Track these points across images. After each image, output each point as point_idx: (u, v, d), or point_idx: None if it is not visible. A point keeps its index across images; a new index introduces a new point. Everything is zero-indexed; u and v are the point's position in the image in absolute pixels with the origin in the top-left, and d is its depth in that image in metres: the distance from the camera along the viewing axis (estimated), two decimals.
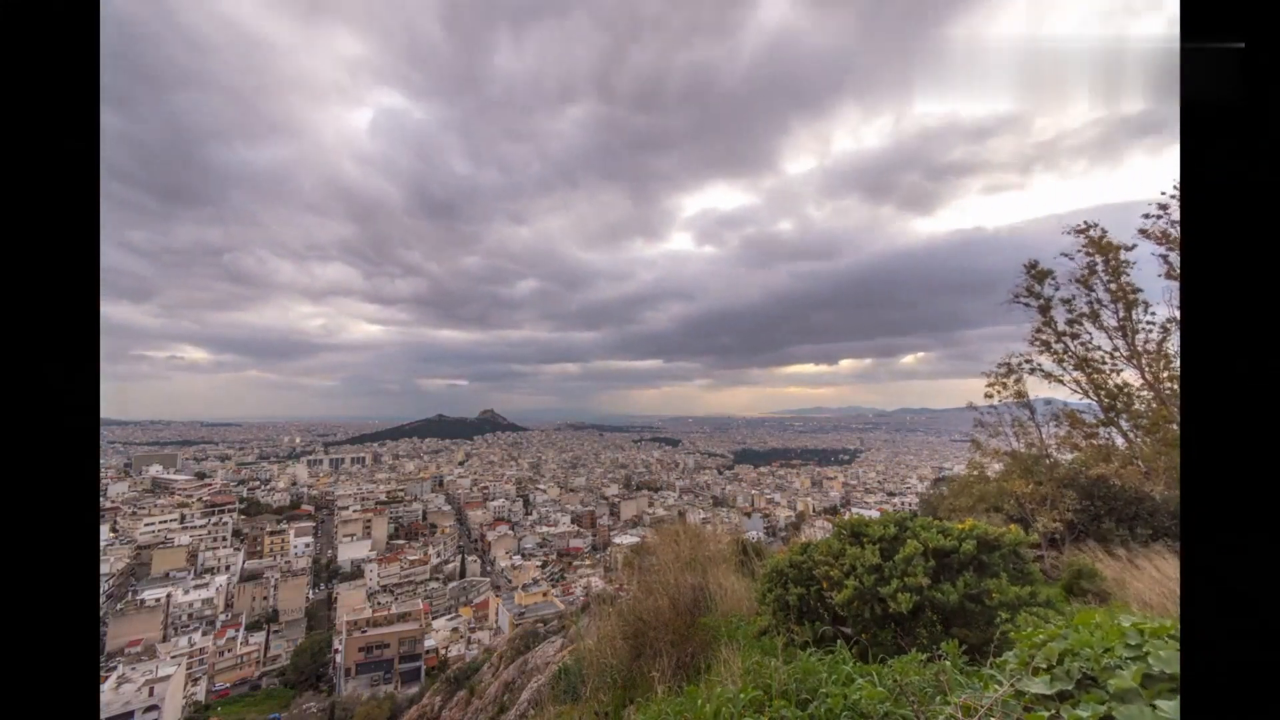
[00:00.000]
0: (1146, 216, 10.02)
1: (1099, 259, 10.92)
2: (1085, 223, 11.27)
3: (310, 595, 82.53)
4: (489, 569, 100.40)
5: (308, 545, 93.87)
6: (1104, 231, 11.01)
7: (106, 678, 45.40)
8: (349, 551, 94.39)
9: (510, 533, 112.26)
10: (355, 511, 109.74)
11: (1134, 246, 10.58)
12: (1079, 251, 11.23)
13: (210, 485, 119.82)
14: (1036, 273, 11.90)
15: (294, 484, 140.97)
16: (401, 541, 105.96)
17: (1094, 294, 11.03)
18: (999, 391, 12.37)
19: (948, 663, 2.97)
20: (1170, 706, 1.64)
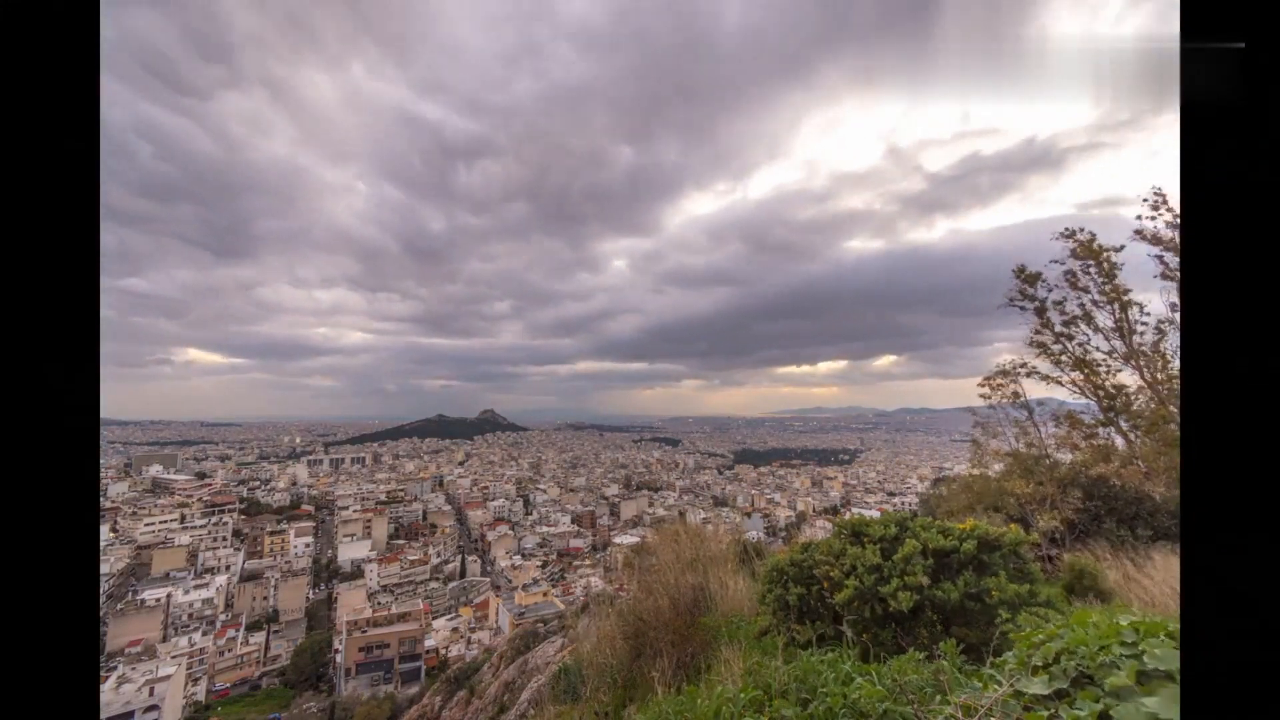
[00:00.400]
0: (1139, 219, 10.09)
1: (1090, 262, 11.00)
2: (1068, 229, 11.39)
3: (310, 595, 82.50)
4: (489, 569, 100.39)
5: (308, 545, 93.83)
6: (1092, 235, 11.11)
7: (106, 678, 45.38)
8: (349, 551, 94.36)
9: (510, 533, 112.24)
10: (355, 511, 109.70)
11: (1122, 248, 10.67)
12: (1069, 256, 11.33)
13: (210, 485, 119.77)
14: (1027, 276, 11.99)
15: (294, 484, 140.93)
16: (401, 541, 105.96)
17: (1089, 295, 11.10)
18: (994, 393, 12.44)
19: (947, 662, 2.96)
20: (1168, 704, 1.64)
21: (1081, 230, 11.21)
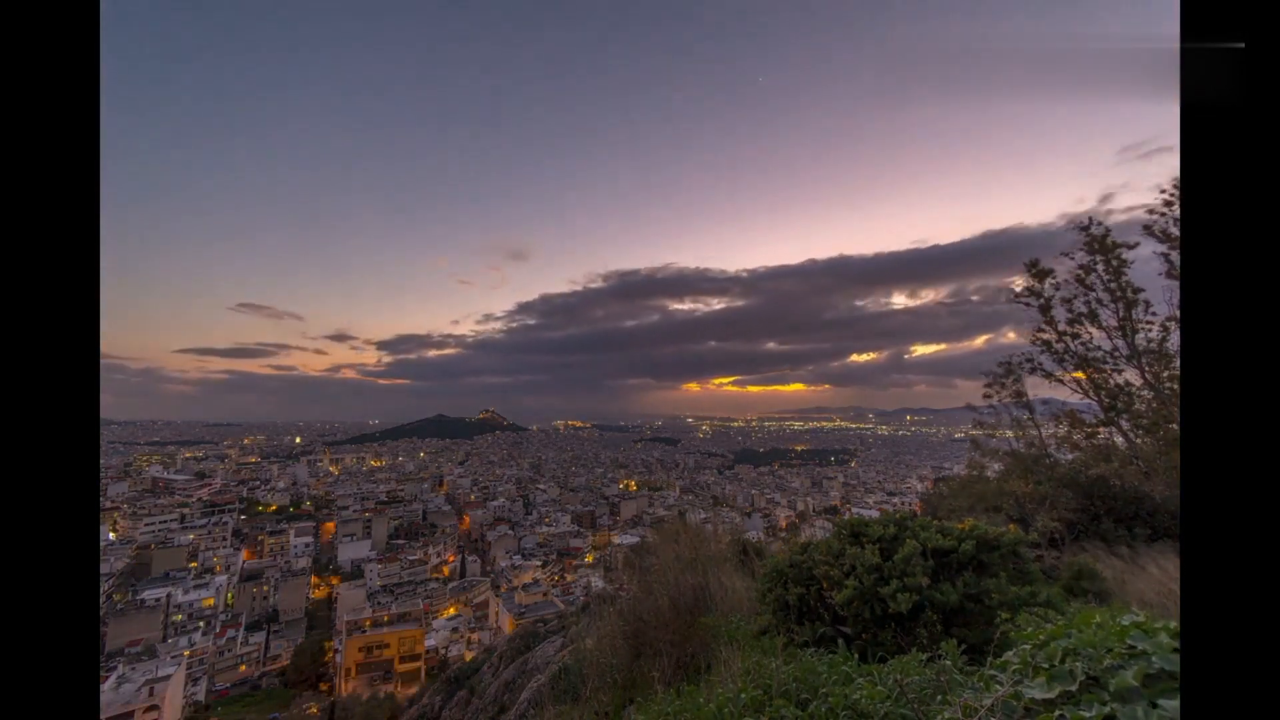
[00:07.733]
0: (1151, 213, 10.05)
1: (1099, 258, 10.95)
2: (1085, 220, 11.33)
3: (310, 595, 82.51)
4: (489, 569, 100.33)
5: (308, 545, 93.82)
6: (1106, 230, 11.05)
7: (106, 678, 45.40)
8: (349, 551, 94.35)
9: (510, 533, 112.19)
10: (355, 511, 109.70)
11: (1136, 245, 10.62)
12: (1080, 250, 11.28)
13: (210, 485, 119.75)
14: (1037, 272, 11.91)
15: (294, 484, 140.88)
16: (401, 541, 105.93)
17: (1094, 293, 11.07)
18: (997, 392, 12.41)
19: (948, 662, 2.96)
20: (1171, 706, 1.63)
21: (1098, 224, 11.17)
